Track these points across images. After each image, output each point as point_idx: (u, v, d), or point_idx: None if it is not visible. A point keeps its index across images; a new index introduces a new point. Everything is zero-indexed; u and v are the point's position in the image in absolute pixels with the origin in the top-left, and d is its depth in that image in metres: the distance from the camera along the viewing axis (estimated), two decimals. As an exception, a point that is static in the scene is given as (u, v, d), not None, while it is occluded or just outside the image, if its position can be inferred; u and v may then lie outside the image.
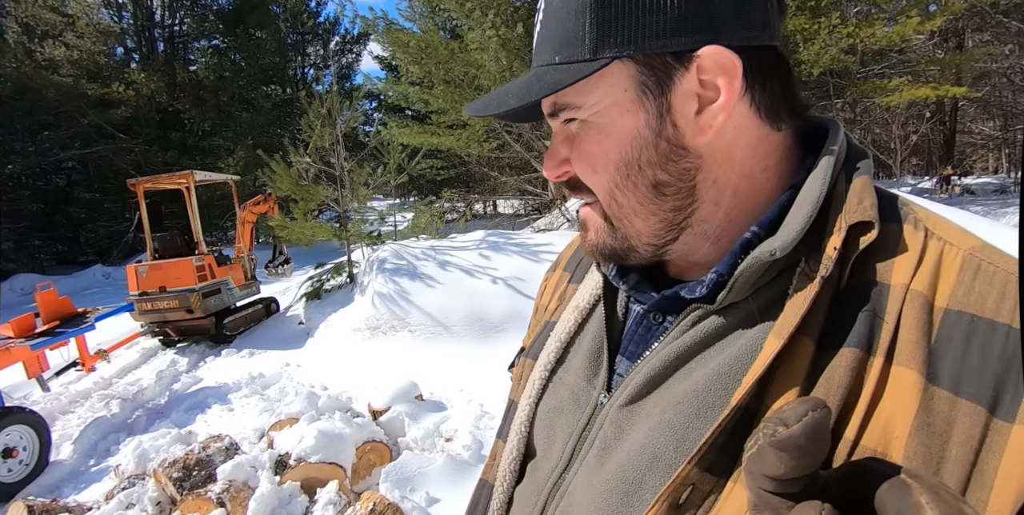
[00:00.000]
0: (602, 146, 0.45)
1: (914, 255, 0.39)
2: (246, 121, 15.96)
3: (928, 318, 0.36)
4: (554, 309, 0.65)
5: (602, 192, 0.47)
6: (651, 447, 0.44)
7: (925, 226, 0.40)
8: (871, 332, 0.37)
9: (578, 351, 0.57)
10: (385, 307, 5.80)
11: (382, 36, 9.57)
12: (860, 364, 0.36)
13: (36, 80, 13.44)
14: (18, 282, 11.94)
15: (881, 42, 11.08)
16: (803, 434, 0.27)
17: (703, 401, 0.42)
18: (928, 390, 0.34)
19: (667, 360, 0.46)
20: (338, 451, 3.02)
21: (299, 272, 9.28)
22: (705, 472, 0.39)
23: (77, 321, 4.96)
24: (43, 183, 14.65)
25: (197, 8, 16.89)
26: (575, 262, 0.68)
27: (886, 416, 0.35)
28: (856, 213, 0.39)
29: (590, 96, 0.44)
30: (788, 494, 0.28)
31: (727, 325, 0.44)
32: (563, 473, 0.52)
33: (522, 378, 0.62)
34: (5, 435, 3.53)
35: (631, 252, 0.49)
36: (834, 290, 0.39)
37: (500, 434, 0.65)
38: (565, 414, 0.54)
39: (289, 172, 7.41)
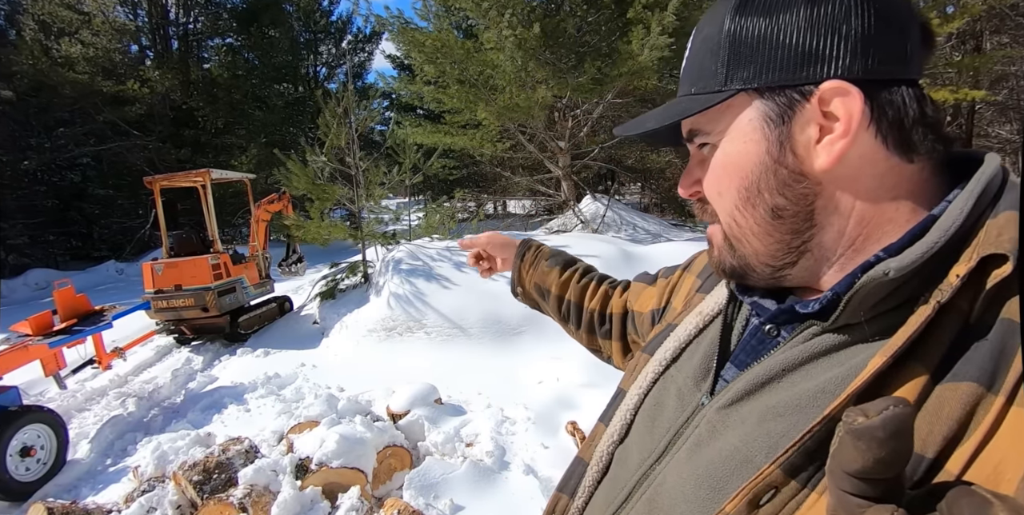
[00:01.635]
0: (727, 170, 0.49)
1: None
2: (259, 119, 16.00)
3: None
4: (678, 313, 0.70)
5: (724, 213, 0.51)
6: (743, 449, 0.46)
7: None
8: (995, 369, 0.36)
9: (693, 354, 0.60)
10: (401, 308, 5.75)
11: (397, 35, 9.54)
12: (975, 400, 0.36)
13: (52, 77, 13.52)
14: (32, 277, 12.03)
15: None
16: (881, 425, 0.27)
17: (803, 415, 0.44)
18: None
19: (772, 370, 0.48)
20: (359, 456, 2.98)
21: (312, 270, 9.26)
22: (788, 476, 0.41)
23: (94, 319, 4.95)
24: (58, 179, 14.76)
25: (211, 6, 16.92)
26: (707, 273, 0.72)
27: (999, 457, 0.34)
28: (991, 245, 0.38)
29: (718, 123, 0.49)
30: (868, 497, 0.28)
31: (839, 344, 0.45)
32: (655, 464, 0.56)
33: (635, 370, 0.67)
34: (23, 434, 3.51)
35: (749, 271, 0.52)
36: (963, 324, 0.39)
37: (603, 418, 0.69)
38: (668, 409, 0.58)
39: (305, 171, 7.39)
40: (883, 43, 0.42)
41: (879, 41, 0.42)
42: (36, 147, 13.99)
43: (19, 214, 13.56)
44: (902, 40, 0.43)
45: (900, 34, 0.43)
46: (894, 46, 0.43)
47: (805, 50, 0.43)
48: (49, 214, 14.37)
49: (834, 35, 0.42)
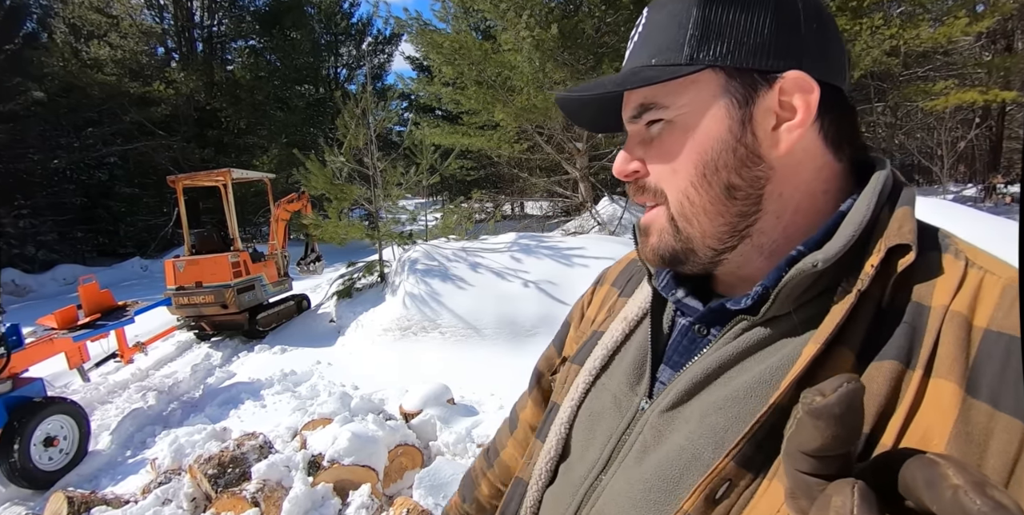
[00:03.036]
0: (685, 145, 0.49)
1: (954, 280, 0.42)
2: (280, 120, 16.25)
3: (967, 336, 0.39)
4: (602, 320, 0.68)
5: (676, 190, 0.50)
6: (691, 448, 0.47)
7: (966, 256, 0.44)
8: (910, 346, 0.40)
9: (623, 360, 0.60)
10: (416, 308, 5.79)
11: (416, 37, 9.62)
12: (898, 375, 0.39)
13: (81, 78, 13.91)
14: (60, 272, 12.36)
15: (926, 44, 10.70)
16: (838, 402, 0.28)
17: (744, 406, 0.45)
18: (967, 402, 0.36)
19: (709, 368, 0.49)
20: (371, 454, 3.00)
21: (330, 269, 9.37)
22: (742, 468, 0.42)
23: (117, 314, 5.06)
24: (86, 177, 15.15)
25: (235, 9, 17.25)
26: (625, 278, 0.72)
27: (925, 425, 0.37)
28: (895, 237, 0.43)
29: (680, 97, 0.48)
30: (823, 476, 0.29)
31: (770, 336, 0.47)
32: (600, 475, 0.55)
33: (566, 382, 0.66)
34: (47, 424, 3.61)
35: (691, 255, 0.51)
36: (876, 308, 0.43)
37: (538, 435, 0.68)
38: (606, 418, 0.57)
39: (324, 171, 7.48)
40: (832, 54, 0.48)
41: (831, 51, 0.48)
42: (66, 146, 14.39)
43: (49, 211, 13.95)
44: (843, 56, 0.50)
45: (843, 52, 0.50)
46: (839, 59, 0.49)
47: (773, 42, 0.46)
48: (77, 211, 14.75)
49: (798, 36, 0.47)
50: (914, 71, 12.68)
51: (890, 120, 14.05)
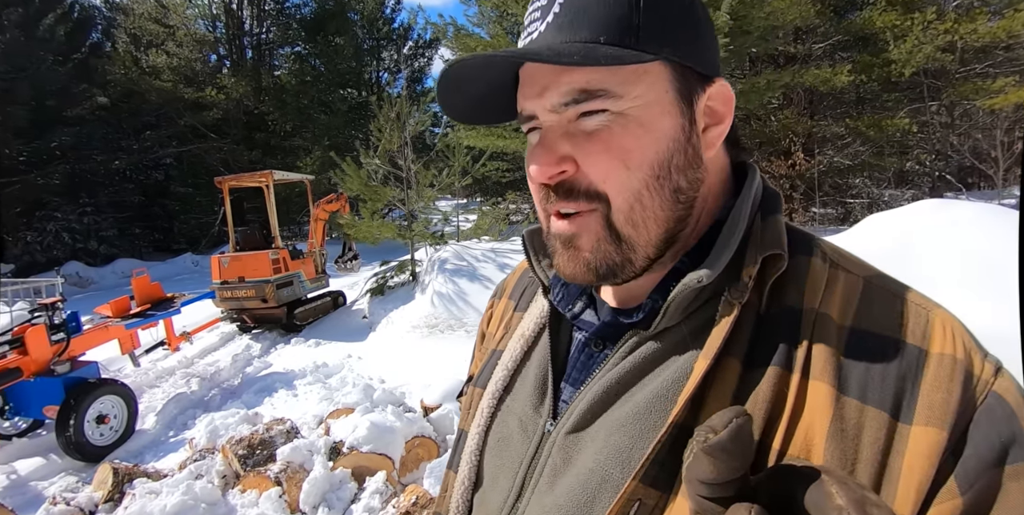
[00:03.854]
0: (641, 142, 0.44)
1: (821, 283, 0.43)
2: (323, 123, 16.83)
3: (836, 336, 0.40)
4: (500, 338, 0.65)
5: (627, 192, 0.44)
6: (599, 470, 0.45)
7: (831, 258, 0.45)
8: (789, 351, 0.41)
9: (525, 379, 0.57)
10: (444, 306, 5.95)
11: (451, 41, 9.83)
12: (781, 380, 0.40)
13: (141, 85, 14.83)
14: (119, 266, 13.20)
15: (984, 38, 10.18)
16: (729, 439, 0.29)
17: (644, 422, 0.44)
18: (840, 400, 0.38)
19: (608, 386, 0.48)
20: (388, 443, 3.15)
21: (366, 268, 9.67)
22: (650, 487, 0.41)
23: (166, 305, 5.43)
24: (144, 177, 16.12)
25: (282, 17, 18.02)
26: (519, 290, 0.68)
27: (806, 425, 0.38)
28: (768, 246, 0.44)
29: (634, 88, 0.43)
30: (722, 499, 0.31)
31: (662, 350, 0.46)
32: (515, 503, 0.52)
33: (471, 407, 0.62)
34: (100, 403, 3.94)
35: (627, 266, 0.47)
36: (755, 314, 0.43)
37: (450, 465, 0.64)
38: (514, 443, 0.55)
39: (359, 173, 7.76)
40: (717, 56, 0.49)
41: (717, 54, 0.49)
42: (126, 148, 15.38)
43: (110, 209, 14.92)
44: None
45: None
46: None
47: (703, 44, 0.46)
48: (136, 209, 15.73)
49: (711, 39, 0.47)
50: (971, 68, 12.05)
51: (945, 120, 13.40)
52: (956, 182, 13.51)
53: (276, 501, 2.76)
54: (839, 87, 10.41)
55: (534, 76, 0.46)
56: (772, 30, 9.18)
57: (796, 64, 10.98)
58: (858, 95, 13.24)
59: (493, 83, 0.48)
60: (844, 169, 12.61)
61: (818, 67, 10.37)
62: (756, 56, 11.42)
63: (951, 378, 0.37)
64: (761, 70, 11.58)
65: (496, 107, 0.52)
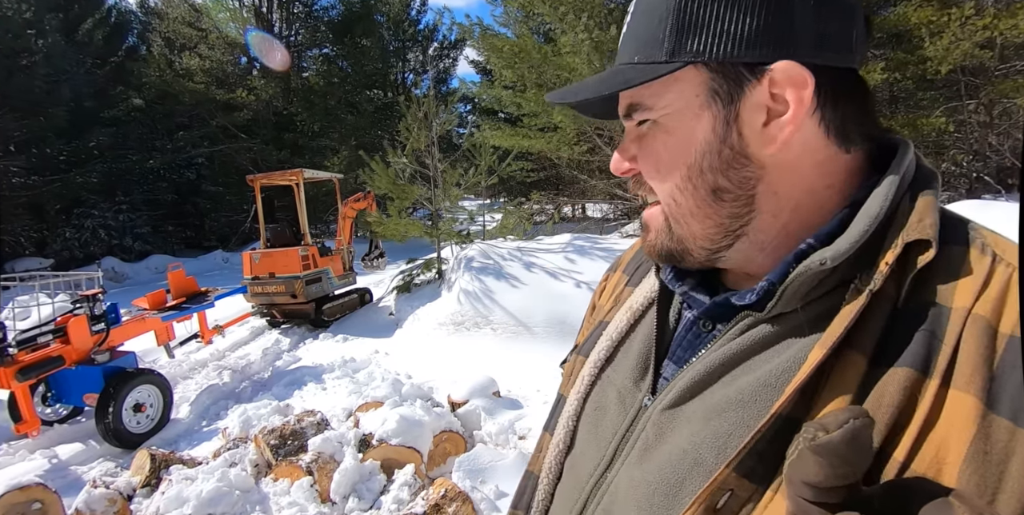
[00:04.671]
0: (668, 147, 0.47)
1: (979, 279, 0.38)
2: (350, 123, 17.06)
3: (990, 343, 0.35)
4: (608, 309, 0.66)
5: (663, 193, 0.49)
6: (693, 452, 0.45)
7: (993, 251, 0.40)
8: (928, 353, 0.36)
9: (628, 352, 0.58)
10: (470, 304, 5.97)
11: (477, 42, 9.88)
12: (914, 385, 0.36)
13: (174, 87, 15.24)
14: (152, 262, 13.58)
15: (1027, 34, 9.83)
16: (842, 441, 0.27)
17: (747, 410, 0.43)
18: (987, 417, 0.33)
19: (712, 366, 0.46)
20: (416, 437, 3.17)
21: (392, 266, 9.77)
22: (743, 478, 0.39)
23: (200, 299, 5.57)
24: (177, 176, 16.52)
25: (310, 20, 18.32)
26: (634, 266, 0.69)
27: (939, 440, 0.34)
28: (915, 231, 0.39)
29: (662, 98, 0.46)
30: (827, 504, 0.29)
31: (776, 335, 0.44)
32: (606, 471, 0.53)
33: (572, 374, 0.64)
34: (137, 392, 4.05)
35: (686, 254, 0.50)
36: (891, 308, 0.39)
37: (547, 427, 0.66)
38: (610, 413, 0.56)
39: (387, 172, 7.84)
40: (832, 30, 0.42)
41: (829, 27, 0.42)
42: (160, 148, 15.81)
43: (144, 207, 15.35)
44: (850, 28, 0.43)
45: (849, 22, 0.43)
46: (842, 34, 0.42)
47: (758, 28, 0.41)
48: (168, 207, 16.15)
49: (787, 17, 0.41)
50: (1012, 65, 11.65)
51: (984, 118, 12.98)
52: (995, 183, 13.05)
53: (308, 490, 2.81)
54: (872, 85, 10.13)
55: None
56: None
57: (827, 62, 10.76)
58: (892, 93, 12.89)
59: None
60: (878, 170, 12.31)
61: (850, 65, 10.13)
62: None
63: None
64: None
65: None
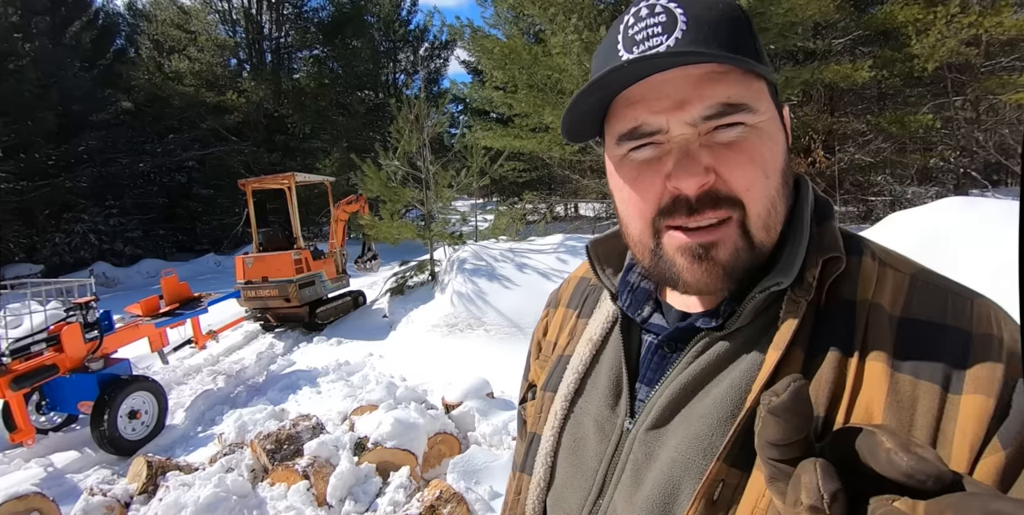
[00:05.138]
0: (773, 152, 0.48)
1: (872, 279, 0.49)
2: (342, 125, 17.04)
3: (888, 323, 0.46)
4: (565, 344, 0.68)
5: (765, 199, 0.48)
6: (681, 458, 0.49)
7: (879, 257, 0.51)
8: (847, 338, 0.46)
9: (597, 381, 0.60)
10: (463, 306, 6.00)
11: (468, 43, 9.89)
12: (841, 364, 0.45)
13: (164, 89, 15.20)
14: (144, 266, 13.51)
15: (1010, 31, 9.93)
16: (790, 399, 0.33)
17: (722, 412, 0.49)
18: (894, 376, 0.43)
19: (686, 383, 0.52)
20: (411, 439, 3.20)
21: (385, 268, 9.78)
22: (732, 468, 0.45)
23: (193, 304, 5.57)
24: (168, 180, 16.46)
25: (300, 21, 18.28)
26: (579, 299, 0.71)
27: (866, 401, 0.43)
28: (829, 250, 0.49)
29: (761, 104, 0.48)
30: (791, 460, 0.34)
31: (733, 348, 0.51)
32: (597, 500, 0.55)
33: (542, 411, 0.65)
34: (132, 399, 4.07)
35: (748, 270, 0.49)
36: (815, 309, 0.48)
37: (523, 468, 0.66)
38: (590, 443, 0.58)
39: (378, 174, 7.86)
40: None
41: None
42: (150, 151, 15.74)
43: (135, 211, 15.27)
44: None
45: None
46: None
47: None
48: (160, 211, 16.08)
49: None
50: (997, 61, 11.79)
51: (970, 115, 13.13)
52: (982, 179, 13.22)
53: (304, 494, 2.84)
54: (860, 83, 10.26)
55: (663, 89, 0.47)
56: (791, 26, 9.07)
57: (816, 60, 10.83)
58: (880, 91, 13.01)
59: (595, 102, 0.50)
60: (865, 166, 12.42)
61: (838, 63, 10.21)
62: (775, 53, 11.28)
63: (996, 354, 0.42)
64: (780, 67, 11.44)
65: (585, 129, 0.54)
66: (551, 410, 0.63)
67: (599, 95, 0.49)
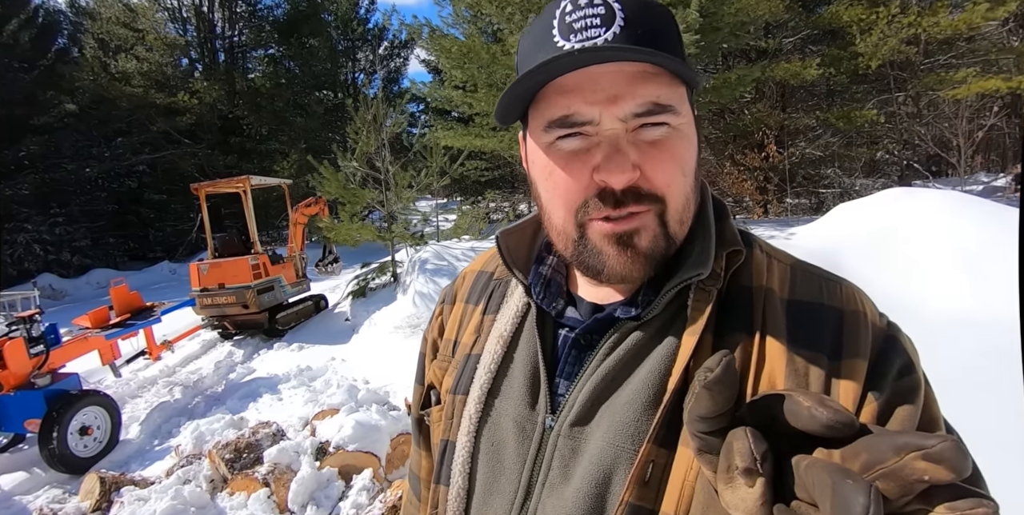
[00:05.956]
0: (690, 153, 0.52)
1: (763, 268, 0.55)
2: (300, 126, 16.69)
3: (780, 306, 0.52)
4: (472, 343, 0.65)
5: (682, 196, 0.51)
6: (610, 447, 0.50)
7: (765, 250, 0.57)
8: (748, 320, 0.51)
9: (512, 379, 0.58)
10: (425, 306, 6.00)
11: (426, 42, 9.84)
12: (746, 343, 0.50)
13: (111, 91, 14.56)
14: (94, 276, 12.97)
15: (946, 31, 10.48)
16: (723, 372, 0.35)
17: (646, 397, 0.51)
18: (790, 350, 0.49)
19: (605, 375, 0.53)
20: (374, 441, 3.20)
21: (348, 271, 9.66)
22: (660, 448, 0.48)
23: (146, 314, 5.40)
24: (117, 185, 15.81)
25: (255, 19, 17.80)
26: (479, 294, 0.69)
27: (769, 373, 0.48)
28: (729, 244, 0.55)
29: (684, 106, 0.50)
30: (719, 431, 0.37)
31: (649, 336, 0.53)
32: (524, 502, 0.54)
33: (453, 416, 0.62)
34: (82, 415, 3.92)
35: (665, 258, 0.53)
36: (718, 296, 0.53)
37: (438, 479, 0.62)
38: (511, 445, 0.56)
39: (337, 176, 7.76)
40: None
41: None
42: (97, 156, 15.07)
43: (82, 218, 14.62)
44: None
45: None
46: None
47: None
48: (109, 218, 15.43)
49: None
50: (935, 59, 12.39)
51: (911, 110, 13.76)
52: (923, 170, 13.89)
53: (265, 502, 2.80)
54: (809, 80, 10.66)
55: (599, 81, 0.48)
56: (742, 25, 9.34)
57: (767, 58, 11.19)
58: (828, 88, 13.51)
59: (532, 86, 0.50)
60: (816, 160, 12.90)
61: (788, 61, 10.58)
62: (728, 51, 11.59)
63: (864, 327, 0.50)
64: (733, 65, 11.78)
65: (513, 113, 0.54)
66: (464, 414, 0.60)
67: (539, 79, 0.49)
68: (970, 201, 5.13)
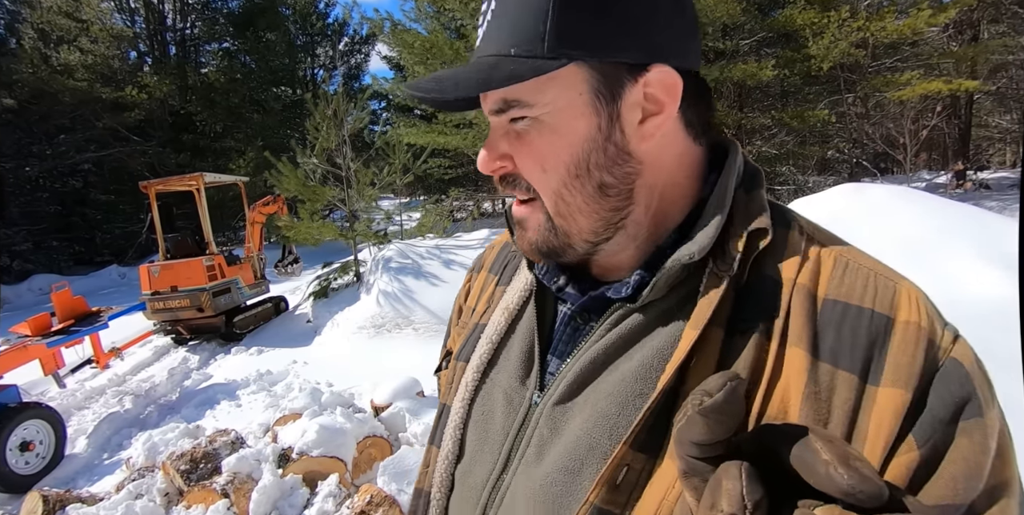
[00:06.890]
0: (554, 146, 0.47)
1: (798, 256, 0.46)
2: (257, 122, 16.21)
3: (812, 305, 0.43)
4: (482, 311, 0.65)
5: (549, 191, 0.48)
6: (586, 438, 0.47)
7: (807, 232, 0.49)
8: (768, 320, 0.44)
9: (510, 352, 0.58)
10: (390, 305, 5.89)
11: (388, 37, 9.69)
12: (761, 347, 0.43)
13: (52, 85, 13.75)
14: (36, 282, 12.25)
15: (892, 35, 10.95)
16: (724, 400, 0.31)
17: (631, 390, 0.46)
18: (814, 364, 0.41)
19: (595, 357, 0.50)
20: (339, 445, 3.11)
21: (308, 271, 9.42)
22: (639, 452, 0.43)
23: (91, 320, 5.12)
24: (60, 185, 15.01)
25: (208, 12, 17.17)
26: (500, 264, 0.69)
27: (783, 389, 0.41)
28: (753, 221, 0.46)
29: (544, 95, 0.45)
30: (711, 458, 0.32)
31: (647, 322, 0.48)
32: (501, 474, 0.53)
33: (453, 381, 0.62)
34: (23, 429, 3.68)
35: (568, 249, 0.50)
36: (736, 285, 0.45)
37: (432, 440, 0.64)
38: (498, 416, 0.56)
39: (296, 173, 7.55)
40: (691, 39, 0.48)
41: (689, 37, 0.48)
42: (38, 154, 14.24)
43: (22, 220, 13.81)
44: (698, 41, 0.50)
45: (695, 32, 0.49)
46: (696, 44, 0.49)
47: (636, 34, 0.44)
48: (52, 220, 14.61)
49: (659, 26, 0.45)
50: (882, 62, 12.95)
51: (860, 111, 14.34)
52: (872, 168, 14.51)
53: (224, 513, 2.68)
54: (765, 81, 10.98)
55: None
56: (701, 27, 9.53)
57: (725, 60, 11.45)
58: (782, 88, 13.95)
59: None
60: (772, 158, 13.30)
61: (745, 62, 10.85)
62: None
63: (915, 344, 0.40)
64: (692, 65, 12.00)
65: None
66: (462, 380, 0.61)
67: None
68: (914, 196, 5.40)
